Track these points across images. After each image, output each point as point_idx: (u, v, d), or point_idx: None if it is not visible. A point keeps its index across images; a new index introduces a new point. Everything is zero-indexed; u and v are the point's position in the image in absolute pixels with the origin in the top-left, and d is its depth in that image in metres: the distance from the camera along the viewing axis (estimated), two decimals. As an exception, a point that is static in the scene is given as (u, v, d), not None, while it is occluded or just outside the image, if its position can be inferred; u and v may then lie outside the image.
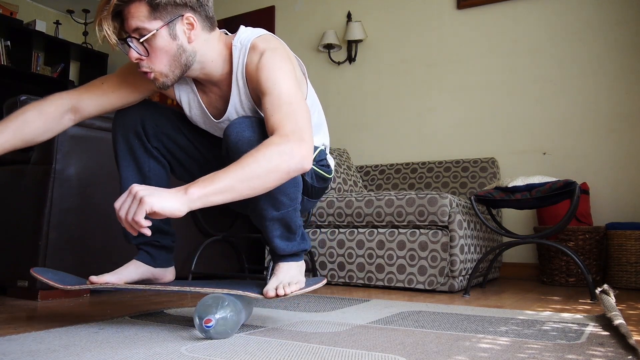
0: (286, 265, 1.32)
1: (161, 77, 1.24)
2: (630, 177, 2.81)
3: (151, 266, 1.41)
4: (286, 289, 1.19)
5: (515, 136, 3.12)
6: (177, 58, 1.23)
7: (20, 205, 1.86)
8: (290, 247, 1.32)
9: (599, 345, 1.10)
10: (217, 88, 1.34)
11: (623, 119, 2.85)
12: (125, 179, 1.37)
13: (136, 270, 1.38)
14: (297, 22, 4.04)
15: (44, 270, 1.31)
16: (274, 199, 1.22)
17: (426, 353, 1.01)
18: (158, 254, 1.42)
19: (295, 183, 1.24)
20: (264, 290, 1.20)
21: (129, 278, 1.35)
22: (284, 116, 1.13)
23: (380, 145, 3.57)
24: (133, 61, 1.21)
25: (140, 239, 1.39)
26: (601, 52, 2.94)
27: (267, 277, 2.49)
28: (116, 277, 1.32)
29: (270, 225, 1.27)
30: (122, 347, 1.03)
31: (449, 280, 2.24)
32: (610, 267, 2.58)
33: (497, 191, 2.23)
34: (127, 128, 1.37)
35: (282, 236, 1.30)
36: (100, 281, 1.28)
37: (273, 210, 1.24)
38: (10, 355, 0.95)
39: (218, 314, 1.09)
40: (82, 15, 5.06)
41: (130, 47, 1.19)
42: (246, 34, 1.30)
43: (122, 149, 1.37)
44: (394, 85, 3.57)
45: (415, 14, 3.55)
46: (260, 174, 1.06)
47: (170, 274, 1.47)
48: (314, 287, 1.26)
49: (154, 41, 1.19)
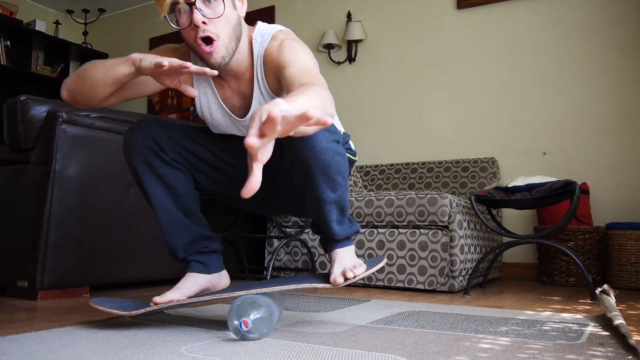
0: (343, 251, 1.32)
1: (223, 48, 1.20)
2: (630, 177, 2.81)
3: (206, 274, 1.39)
4: (355, 272, 1.20)
5: (515, 136, 3.12)
6: (236, 30, 1.22)
7: (20, 205, 1.86)
8: (345, 230, 1.32)
9: (599, 346, 1.10)
10: (235, 81, 1.33)
11: (623, 119, 2.85)
12: (154, 196, 1.33)
13: (195, 282, 1.36)
14: (297, 22, 4.03)
15: (102, 301, 1.29)
16: (331, 179, 1.21)
17: (426, 353, 1.01)
18: (209, 260, 1.41)
19: (346, 162, 1.24)
20: (332, 279, 1.21)
21: (190, 291, 1.34)
22: (312, 79, 1.09)
23: (380, 145, 3.57)
24: (199, 24, 1.15)
25: (189, 250, 1.38)
26: (601, 52, 2.94)
27: (267, 278, 2.50)
28: (179, 293, 1.30)
29: (329, 209, 1.26)
30: (122, 347, 1.03)
31: (449, 281, 2.24)
32: (610, 267, 2.58)
33: (497, 191, 2.22)
34: (140, 147, 1.32)
35: (337, 220, 1.30)
36: (164, 300, 1.26)
37: (331, 192, 1.23)
38: (10, 355, 0.95)
39: (253, 315, 1.09)
40: (82, 15, 5.06)
41: (196, 9, 1.15)
42: (266, 27, 1.30)
43: (142, 168, 1.32)
44: (394, 85, 3.57)
45: (415, 14, 3.55)
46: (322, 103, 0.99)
47: (225, 279, 1.46)
48: (377, 266, 1.27)
49: (220, 6, 1.17)
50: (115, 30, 5.14)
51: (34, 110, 1.84)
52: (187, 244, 1.39)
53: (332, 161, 1.19)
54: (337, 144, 1.21)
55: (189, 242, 1.39)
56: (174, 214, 1.36)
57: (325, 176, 1.19)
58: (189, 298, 1.31)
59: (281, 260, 2.74)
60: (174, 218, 1.36)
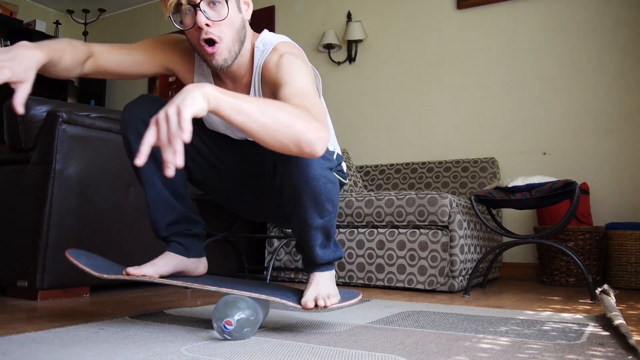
0: (321, 276, 1.31)
1: (226, 50, 1.20)
2: (630, 177, 2.81)
3: (184, 256, 1.38)
4: (327, 301, 1.20)
5: (515, 136, 3.12)
6: (239, 33, 1.22)
7: (20, 205, 1.86)
8: (328, 254, 1.31)
9: (599, 346, 1.10)
10: (233, 84, 1.33)
11: (623, 119, 2.85)
12: (144, 170, 1.32)
13: (170, 262, 1.35)
14: (297, 22, 4.04)
15: (78, 253, 1.27)
16: (320, 206, 1.21)
17: (426, 353, 1.01)
18: (191, 244, 1.40)
19: (337, 189, 1.24)
20: (303, 302, 1.20)
21: (164, 270, 1.33)
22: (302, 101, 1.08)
23: (380, 145, 3.57)
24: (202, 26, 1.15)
25: (171, 229, 1.37)
26: (601, 52, 2.94)
27: (267, 277, 2.50)
28: (152, 269, 1.29)
29: (314, 233, 1.26)
30: (122, 347, 1.03)
31: (449, 280, 2.24)
32: (610, 267, 2.58)
33: (497, 191, 2.22)
34: (136, 121, 1.31)
35: (322, 244, 1.29)
36: (138, 273, 1.26)
37: (318, 218, 1.23)
38: (10, 355, 0.95)
39: (237, 316, 1.08)
40: (82, 15, 5.07)
41: (200, 11, 1.15)
42: (270, 37, 1.30)
43: (134, 141, 1.30)
44: (394, 85, 3.57)
45: (415, 14, 3.55)
46: (278, 119, 0.98)
47: (202, 266, 1.45)
48: (351, 301, 1.26)
49: (224, 9, 1.17)
50: (115, 30, 5.14)
51: (34, 110, 1.84)
52: (169, 223, 1.38)
53: (323, 189, 1.18)
54: (330, 172, 1.21)
55: (172, 221, 1.38)
56: (162, 191, 1.35)
57: (314, 202, 1.19)
58: (161, 277, 1.30)
59: (281, 260, 2.74)
60: (161, 195, 1.35)
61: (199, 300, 1.84)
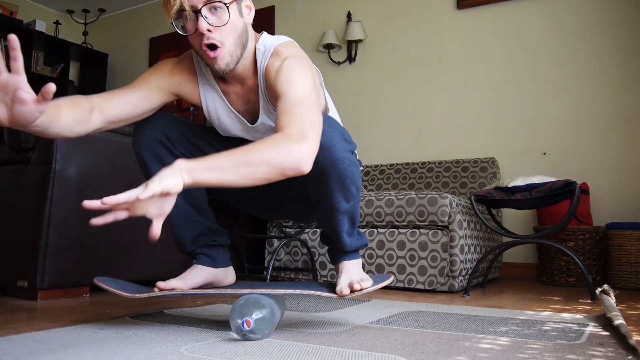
0: (351, 264, 1.33)
1: (228, 55, 1.20)
2: (630, 177, 2.81)
3: (212, 267, 1.40)
4: (362, 284, 1.21)
5: (515, 136, 3.12)
6: (241, 37, 1.22)
7: (20, 205, 1.86)
8: (354, 242, 1.33)
9: (599, 346, 1.10)
10: (240, 86, 1.33)
11: (623, 119, 2.85)
12: None
13: (200, 274, 1.37)
14: (297, 22, 4.04)
15: (106, 280, 1.29)
16: (346, 189, 1.22)
17: (426, 353, 1.01)
18: (217, 254, 1.41)
19: (359, 172, 1.26)
20: (338, 290, 1.21)
21: (194, 283, 1.34)
22: (292, 118, 1.10)
23: (380, 145, 3.57)
24: (203, 32, 1.15)
25: (197, 242, 1.39)
26: (601, 52, 2.95)
27: (267, 277, 2.50)
28: (183, 283, 1.31)
29: (341, 219, 1.27)
30: (122, 347, 1.03)
31: (449, 280, 2.24)
32: (610, 267, 2.58)
33: (497, 191, 2.22)
34: (151, 140, 1.32)
35: (348, 231, 1.31)
36: (168, 287, 1.27)
37: (345, 202, 1.24)
38: (10, 355, 0.95)
39: (255, 315, 1.08)
40: (82, 15, 5.07)
41: (201, 17, 1.15)
42: (270, 39, 1.30)
43: (151, 161, 1.32)
44: (394, 85, 3.57)
45: (415, 14, 3.55)
46: (252, 162, 1.02)
47: (231, 275, 1.46)
48: (384, 283, 1.27)
49: (225, 14, 1.17)
50: (115, 30, 5.14)
51: (34, 110, 1.84)
52: (195, 237, 1.40)
53: (348, 170, 1.20)
54: (352, 154, 1.23)
55: (197, 235, 1.40)
56: (183, 207, 1.36)
57: (340, 185, 1.21)
58: (192, 289, 1.31)
59: (281, 260, 2.74)
60: (183, 211, 1.37)
61: (199, 301, 1.84)
